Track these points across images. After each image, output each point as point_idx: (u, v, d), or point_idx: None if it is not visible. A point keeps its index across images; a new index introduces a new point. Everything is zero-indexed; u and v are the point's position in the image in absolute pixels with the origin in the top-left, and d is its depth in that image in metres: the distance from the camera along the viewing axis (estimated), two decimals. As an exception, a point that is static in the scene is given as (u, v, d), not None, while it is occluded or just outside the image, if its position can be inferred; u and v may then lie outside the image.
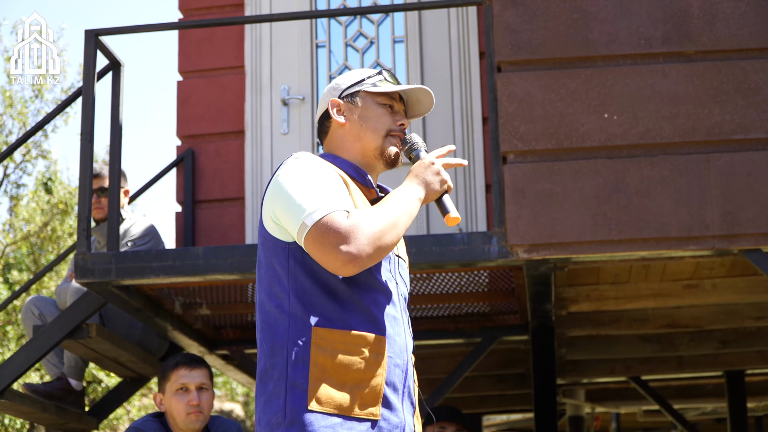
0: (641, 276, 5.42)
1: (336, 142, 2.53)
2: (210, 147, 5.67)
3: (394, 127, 2.50)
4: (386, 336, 2.34)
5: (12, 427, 12.29)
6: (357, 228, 2.23)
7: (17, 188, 14.61)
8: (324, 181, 2.32)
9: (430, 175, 2.40)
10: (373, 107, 2.51)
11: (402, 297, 2.45)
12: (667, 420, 10.59)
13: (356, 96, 2.52)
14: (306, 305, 2.32)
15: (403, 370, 2.38)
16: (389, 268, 2.42)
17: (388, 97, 2.53)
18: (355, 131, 2.50)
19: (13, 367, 4.84)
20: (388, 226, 2.26)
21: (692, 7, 4.36)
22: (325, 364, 2.28)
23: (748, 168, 4.22)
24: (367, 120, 2.50)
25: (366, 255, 2.23)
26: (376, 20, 5.65)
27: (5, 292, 13.02)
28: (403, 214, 2.31)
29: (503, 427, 11.71)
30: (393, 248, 2.29)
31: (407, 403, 2.40)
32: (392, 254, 2.44)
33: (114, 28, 4.72)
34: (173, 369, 4.22)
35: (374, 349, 2.31)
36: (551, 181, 4.26)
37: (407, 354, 2.40)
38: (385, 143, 2.49)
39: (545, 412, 5.24)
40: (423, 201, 2.38)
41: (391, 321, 2.36)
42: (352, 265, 2.23)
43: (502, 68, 4.38)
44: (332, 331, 2.30)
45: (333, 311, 2.31)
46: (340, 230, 2.22)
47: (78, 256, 4.50)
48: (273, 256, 2.37)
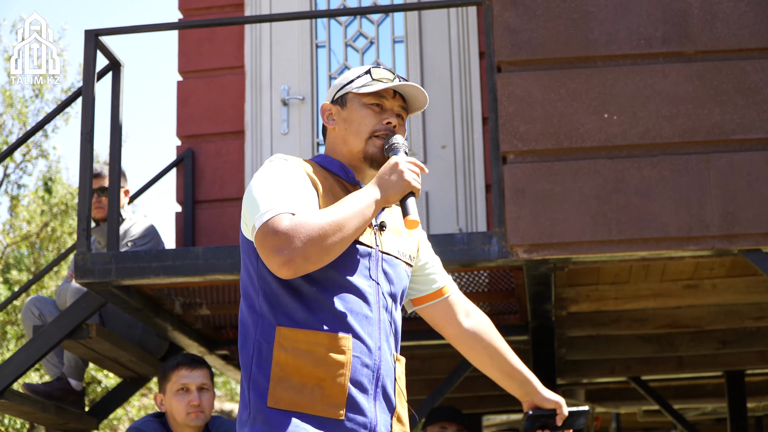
0: (641, 276, 5.42)
1: (329, 144, 2.55)
2: (210, 147, 5.67)
3: (379, 127, 2.48)
4: (353, 335, 2.32)
5: (12, 427, 12.29)
6: (294, 231, 2.22)
7: (18, 188, 14.62)
8: (283, 184, 2.32)
9: (392, 177, 2.35)
10: (358, 109, 2.49)
11: (385, 296, 2.42)
12: (667, 420, 10.58)
13: (345, 98, 2.52)
14: (273, 305, 2.34)
15: (373, 369, 2.35)
16: (368, 265, 2.40)
17: (377, 95, 2.50)
18: (342, 135, 2.51)
19: (13, 367, 4.84)
20: (331, 229, 2.24)
21: (692, 7, 4.36)
22: (286, 363, 2.29)
23: (748, 168, 4.22)
24: (351, 123, 2.50)
25: (302, 259, 2.21)
26: (376, 20, 5.65)
27: (5, 292, 13.01)
28: (352, 216, 2.28)
29: (503, 427, 11.70)
30: (340, 250, 2.27)
31: (381, 403, 2.37)
32: (374, 250, 2.42)
33: (114, 28, 4.72)
34: (174, 369, 4.22)
35: (337, 348, 2.30)
36: (551, 181, 4.26)
37: (381, 354, 2.38)
38: (367, 146, 2.48)
39: (545, 412, 5.23)
40: (383, 202, 2.34)
41: (361, 321, 2.35)
42: (286, 269, 2.23)
43: (502, 68, 4.38)
44: (295, 330, 2.30)
45: (298, 311, 2.32)
46: (278, 233, 2.22)
47: (78, 256, 4.50)
48: (246, 256, 2.42)
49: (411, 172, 2.36)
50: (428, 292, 2.67)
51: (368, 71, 2.53)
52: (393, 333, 2.45)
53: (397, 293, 2.48)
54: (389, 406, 2.40)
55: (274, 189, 2.31)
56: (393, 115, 2.51)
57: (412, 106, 2.57)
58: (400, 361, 2.48)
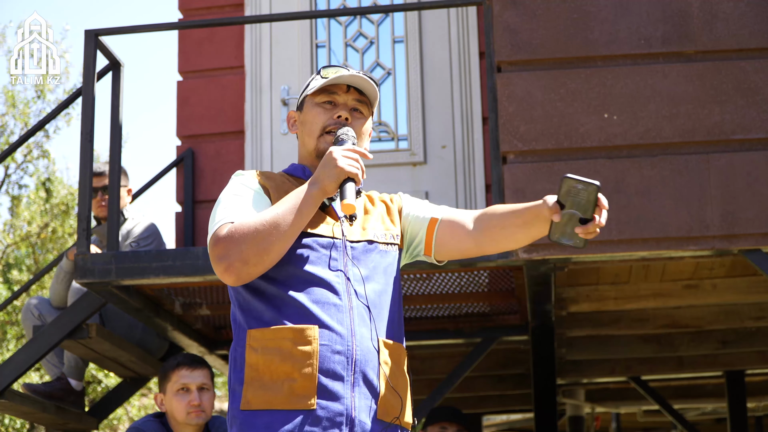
0: (641, 276, 5.42)
1: (298, 150, 2.61)
2: (210, 147, 5.68)
3: (330, 122, 2.50)
4: (320, 325, 2.33)
5: (12, 427, 12.29)
6: (230, 238, 2.28)
7: (19, 188, 14.62)
8: (234, 197, 2.39)
9: (327, 167, 2.35)
10: (311, 110, 2.53)
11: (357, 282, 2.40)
12: (667, 420, 10.58)
13: (303, 103, 2.57)
14: (245, 312, 2.39)
15: (347, 355, 2.34)
16: (333, 256, 2.40)
17: (327, 93, 2.52)
18: (301, 138, 2.57)
19: (13, 367, 4.84)
20: (265, 228, 2.28)
21: (692, 7, 4.36)
22: (257, 363, 2.32)
23: (748, 168, 4.22)
24: (305, 124, 2.54)
25: (240, 262, 2.27)
26: (376, 20, 5.65)
27: (5, 292, 13.02)
28: (286, 213, 2.30)
29: (503, 427, 11.70)
30: (281, 247, 2.30)
31: (361, 389, 2.35)
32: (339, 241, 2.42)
33: (114, 28, 4.72)
34: (174, 369, 4.22)
35: (303, 339, 2.31)
36: (551, 181, 4.26)
37: (356, 339, 2.36)
38: (319, 143, 2.50)
39: (545, 412, 5.24)
40: (321, 192, 2.34)
41: (329, 309, 2.35)
42: (228, 275, 2.29)
43: (502, 68, 4.38)
44: (263, 330, 2.34)
45: (266, 312, 2.36)
46: (218, 242, 2.30)
47: (78, 256, 4.50)
48: None
49: (345, 159, 2.34)
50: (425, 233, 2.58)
51: (319, 72, 2.55)
52: (374, 318, 2.41)
53: (377, 277, 2.46)
54: (372, 391, 2.37)
55: (223, 203, 2.39)
56: (346, 108, 2.52)
57: (370, 96, 2.57)
58: (388, 346, 2.43)
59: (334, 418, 2.31)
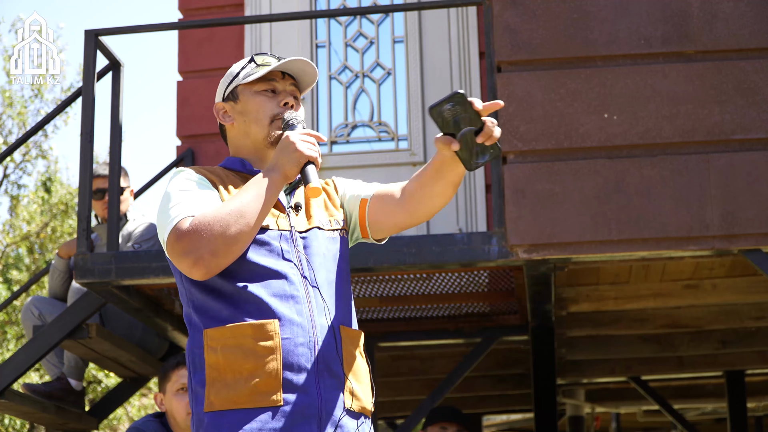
0: (641, 276, 5.42)
1: (232, 143, 2.52)
2: (210, 147, 5.68)
3: (278, 110, 2.46)
4: (280, 318, 2.28)
5: (12, 427, 12.29)
6: (196, 231, 2.21)
7: (18, 188, 14.62)
8: (182, 192, 2.32)
9: (285, 152, 2.32)
10: (251, 99, 2.47)
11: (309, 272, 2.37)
12: (667, 420, 10.58)
13: (236, 92, 2.49)
14: (201, 313, 2.33)
15: (310, 347, 2.30)
16: (284, 247, 2.36)
17: (266, 81, 2.48)
18: (242, 128, 2.48)
19: (13, 367, 4.84)
20: (232, 219, 2.23)
21: (692, 7, 4.36)
22: (217, 363, 2.27)
23: (748, 168, 4.22)
24: (249, 114, 2.46)
25: (209, 255, 2.21)
26: (376, 20, 5.65)
27: (5, 292, 13.02)
28: (251, 201, 2.26)
29: (503, 427, 11.70)
30: (247, 237, 2.25)
31: (326, 380, 2.31)
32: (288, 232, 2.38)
33: (114, 28, 4.72)
34: (174, 369, 4.22)
35: (264, 335, 2.26)
36: (551, 181, 4.26)
37: (315, 330, 2.31)
38: (271, 131, 2.44)
39: (545, 412, 5.24)
40: (282, 178, 2.31)
41: (287, 301, 2.31)
42: (197, 269, 2.23)
43: (502, 68, 4.38)
44: (221, 329, 2.28)
45: (223, 310, 2.30)
46: (182, 237, 2.22)
47: (78, 256, 4.50)
48: (175, 275, 2.42)
49: (304, 143, 2.32)
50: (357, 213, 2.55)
51: (251, 59, 2.50)
52: (329, 307, 2.38)
53: (325, 263, 2.42)
54: (337, 381, 2.33)
55: (175, 200, 2.31)
56: (288, 95, 2.49)
57: (304, 83, 2.54)
58: (346, 333, 2.40)
59: (303, 411, 2.26)
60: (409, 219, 2.52)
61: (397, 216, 2.51)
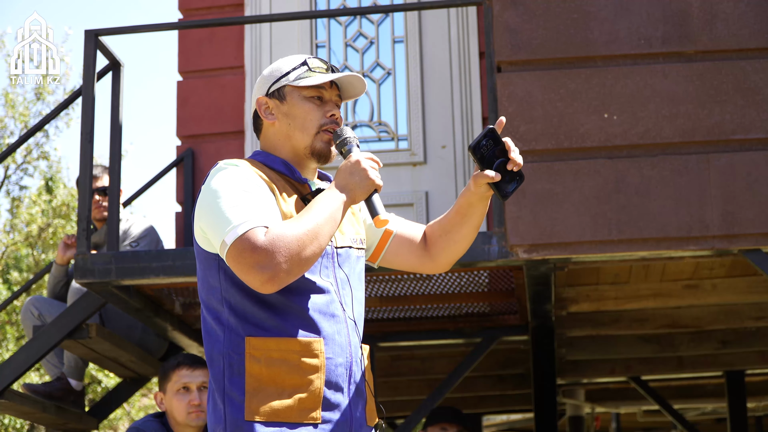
0: (641, 276, 5.42)
1: (269, 140, 2.47)
2: (210, 147, 5.68)
3: (324, 121, 2.42)
4: (324, 337, 2.30)
5: (12, 427, 12.29)
6: (273, 247, 2.16)
7: (19, 189, 14.62)
8: (246, 193, 2.26)
9: (356, 177, 2.30)
10: (300, 103, 2.42)
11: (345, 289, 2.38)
12: (667, 420, 10.58)
13: (283, 92, 2.44)
14: (240, 316, 2.30)
15: (347, 367, 2.33)
16: (324, 263, 2.35)
17: (316, 88, 2.43)
18: (284, 130, 2.44)
19: (13, 367, 4.84)
20: (308, 239, 2.19)
21: (692, 7, 4.36)
22: (260, 373, 2.26)
23: (748, 168, 4.22)
24: (295, 118, 2.42)
25: (285, 273, 2.17)
26: (376, 20, 5.65)
27: (5, 292, 13.02)
28: (325, 223, 2.23)
29: (503, 427, 11.70)
30: (317, 258, 2.23)
31: (354, 398, 2.35)
32: (330, 247, 2.37)
33: (114, 28, 4.72)
34: (175, 369, 4.22)
35: (310, 353, 2.28)
36: (551, 181, 4.26)
37: (351, 349, 2.35)
38: (315, 142, 2.41)
39: (545, 412, 5.24)
40: (350, 202, 2.30)
41: (329, 320, 2.32)
42: (270, 285, 2.18)
43: (502, 68, 4.38)
44: (266, 339, 2.27)
45: (267, 320, 2.28)
46: (256, 250, 2.16)
47: (78, 256, 4.50)
48: (206, 269, 2.36)
49: (373, 170, 2.31)
50: (377, 242, 2.57)
51: (304, 62, 2.45)
52: (360, 327, 2.42)
53: (355, 282, 2.44)
54: (362, 399, 2.38)
55: (237, 200, 2.24)
56: (334, 106, 2.46)
57: (347, 94, 2.51)
58: (365, 352, 2.43)
59: (338, 430, 2.30)
60: (431, 265, 2.57)
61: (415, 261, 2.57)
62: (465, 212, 2.45)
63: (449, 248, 2.52)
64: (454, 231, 2.49)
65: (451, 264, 2.57)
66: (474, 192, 2.39)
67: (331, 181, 2.38)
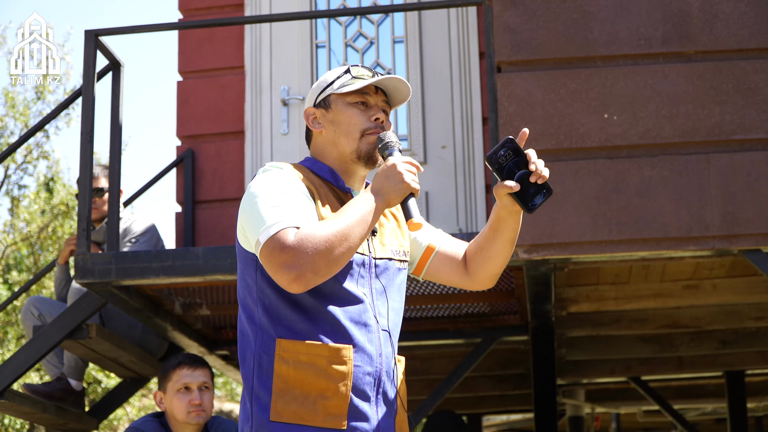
0: (641, 276, 5.42)
1: (318, 149, 2.51)
2: (210, 147, 5.68)
3: (369, 125, 2.44)
4: (354, 345, 2.31)
5: (12, 427, 12.29)
6: (302, 246, 2.19)
7: (18, 189, 14.62)
8: (285, 195, 2.30)
9: (392, 180, 2.32)
10: (344, 110, 2.46)
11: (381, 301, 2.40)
12: (667, 420, 10.59)
13: (328, 101, 2.49)
14: (272, 317, 2.32)
15: (375, 377, 2.34)
16: (361, 272, 2.37)
17: (359, 94, 2.47)
18: (330, 138, 2.47)
19: (13, 367, 4.84)
20: (337, 240, 2.21)
21: (692, 7, 4.36)
22: (288, 375, 2.28)
23: (748, 168, 4.22)
24: (340, 124, 2.46)
25: (311, 273, 2.20)
26: (376, 20, 5.65)
27: (5, 293, 13.02)
28: (356, 225, 2.25)
29: (503, 427, 11.71)
30: (347, 260, 2.25)
31: (382, 409, 2.36)
32: (367, 258, 2.39)
33: (114, 28, 4.73)
34: (175, 368, 4.22)
35: (339, 359, 2.29)
36: (551, 181, 4.25)
37: (382, 360, 2.36)
38: (360, 145, 2.44)
39: (545, 413, 5.24)
40: (384, 206, 2.32)
41: (361, 329, 2.34)
42: (297, 284, 2.21)
43: (502, 68, 4.38)
44: (296, 342, 2.29)
45: (298, 323, 2.31)
46: (285, 249, 2.20)
47: (78, 256, 4.50)
48: (244, 267, 2.40)
49: (410, 173, 2.33)
50: (419, 256, 2.60)
51: (347, 70, 2.49)
52: (395, 338, 2.43)
53: (393, 293, 2.45)
54: (391, 411, 2.39)
55: (275, 201, 2.28)
56: (379, 110, 2.48)
57: (395, 100, 2.53)
58: (400, 362, 2.46)
59: None
60: (470, 282, 2.59)
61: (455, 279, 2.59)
62: (496, 227, 2.46)
63: (485, 265, 2.54)
64: (488, 247, 2.51)
65: (491, 280, 2.58)
66: (501, 206, 2.40)
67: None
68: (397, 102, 2.54)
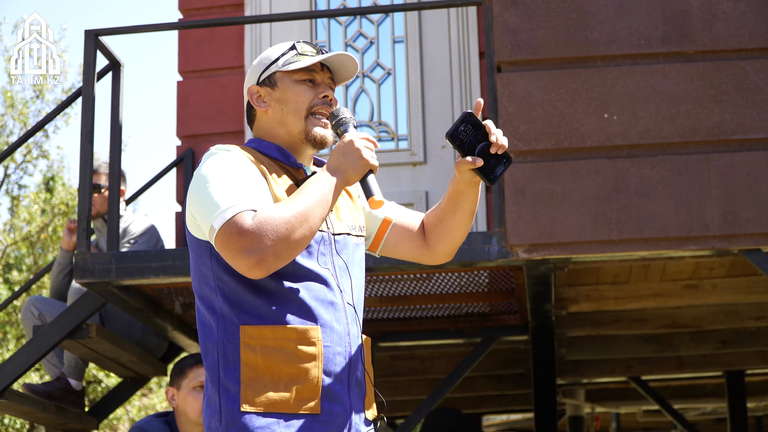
0: (641, 276, 5.42)
1: (263, 128, 2.42)
2: (210, 147, 5.67)
3: (317, 102, 2.37)
4: (321, 325, 2.24)
5: (12, 427, 12.30)
6: (260, 230, 2.11)
7: (18, 189, 14.63)
8: (236, 177, 2.21)
9: (350, 157, 2.24)
10: (291, 87, 2.38)
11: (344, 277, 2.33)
12: (667, 420, 10.59)
13: (273, 78, 2.40)
14: (233, 305, 2.24)
15: (346, 356, 2.26)
16: (321, 249, 2.30)
17: (306, 71, 2.39)
18: (278, 116, 2.39)
19: (13, 367, 4.84)
20: (298, 222, 2.14)
21: (692, 7, 4.36)
22: (256, 362, 2.20)
23: (748, 168, 4.22)
24: (287, 103, 2.37)
25: (273, 257, 2.12)
26: (376, 20, 5.65)
27: (5, 292, 13.02)
28: (315, 205, 2.17)
29: (503, 427, 11.70)
30: (308, 242, 2.17)
31: (354, 390, 2.29)
32: (326, 233, 2.32)
33: (114, 28, 4.73)
34: (192, 366, 4.19)
35: (307, 341, 2.21)
36: (551, 181, 4.26)
37: (350, 339, 2.29)
38: (308, 125, 2.36)
39: (545, 412, 5.24)
40: (344, 184, 2.24)
41: (327, 308, 2.26)
42: (258, 269, 2.13)
43: (502, 68, 4.38)
44: (261, 327, 2.21)
45: (262, 307, 2.22)
46: (243, 233, 2.11)
47: (78, 256, 4.50)
48: (197, 257, 2.31)
49: (368, 150, 2.25)
50: (376, 230, 2.53)
51: (292, 47, 2.42)
52: (359, 316, 2.36)
53: (355, 270, 2.39)
54: (361, 391, 2.32)
55: (227, 184, 2.20)
56: (327, 87, 2.41)
57: (341, 76, 2.46)
58: (366, 343, 2.38)
59: (337, 420, 2.23)
60: (429, 255, 2.53)
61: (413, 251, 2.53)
62: (456, 200, 2.41)
63: (445, 237, 2.48)
64: (448, 219, 2.45)
65: (449, 253, 2.52)
66: (460, 180, 2.35)
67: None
68: (344, 79, 2.47)
